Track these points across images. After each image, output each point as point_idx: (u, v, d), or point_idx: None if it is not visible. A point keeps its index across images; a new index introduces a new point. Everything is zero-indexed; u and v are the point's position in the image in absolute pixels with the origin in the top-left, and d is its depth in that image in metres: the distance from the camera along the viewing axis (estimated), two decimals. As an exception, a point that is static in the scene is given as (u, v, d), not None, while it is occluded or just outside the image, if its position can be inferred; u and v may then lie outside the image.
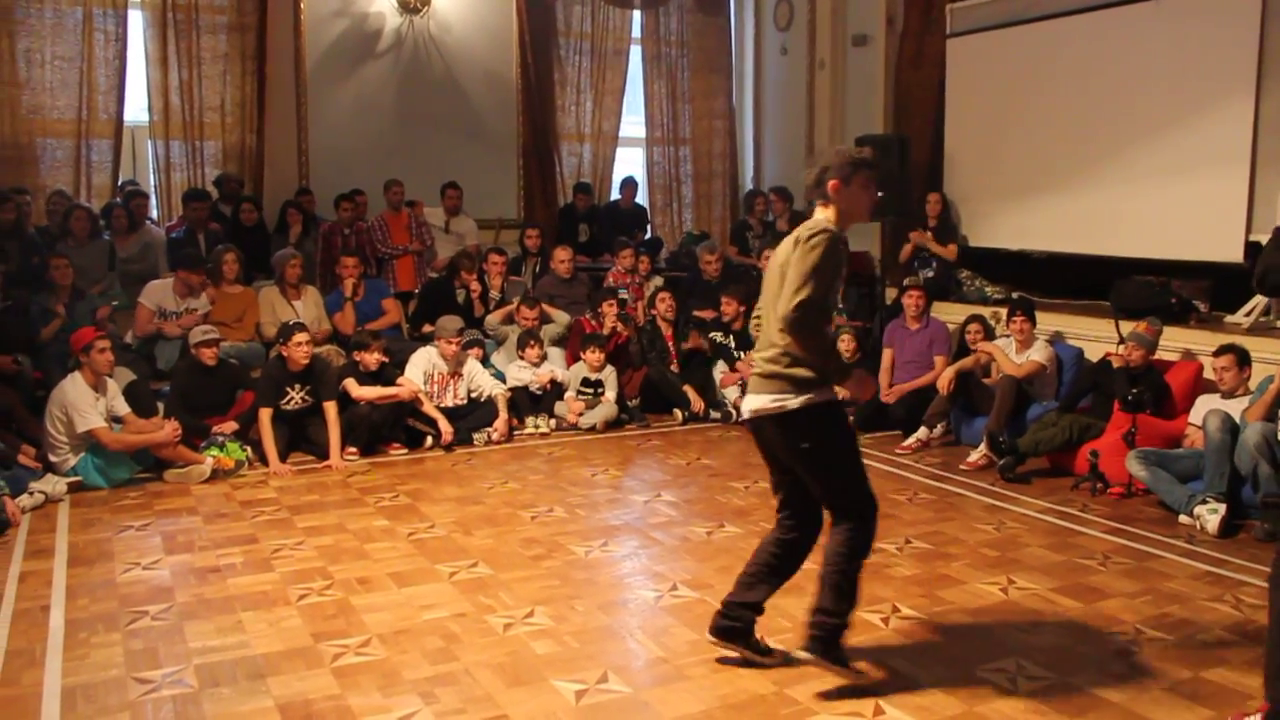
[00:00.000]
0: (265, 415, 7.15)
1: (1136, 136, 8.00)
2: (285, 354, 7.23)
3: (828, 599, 3.81)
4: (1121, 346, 6.93)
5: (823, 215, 3.85)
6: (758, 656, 3.98)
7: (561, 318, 8.87)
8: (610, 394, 8.28)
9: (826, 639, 3.81)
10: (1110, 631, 4.33)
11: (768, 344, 3.83)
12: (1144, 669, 3.98)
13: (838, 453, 3.82)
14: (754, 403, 3.84)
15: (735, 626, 3.98)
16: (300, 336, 7.21)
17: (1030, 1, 8.86)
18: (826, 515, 3.94)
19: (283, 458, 7.13)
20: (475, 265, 9.02)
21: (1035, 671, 3.95)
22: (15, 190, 8.50)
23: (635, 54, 11.68)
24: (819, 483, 3.84)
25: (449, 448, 7.58)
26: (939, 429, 7.71)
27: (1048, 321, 7.89)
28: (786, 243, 3.79)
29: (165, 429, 6.77)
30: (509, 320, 8.77)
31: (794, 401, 3.71)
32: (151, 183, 9.73)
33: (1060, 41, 8.56)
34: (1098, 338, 7.77)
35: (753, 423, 3.90)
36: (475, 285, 8.93)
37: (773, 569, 3.99)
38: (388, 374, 7.64)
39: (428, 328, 8.50)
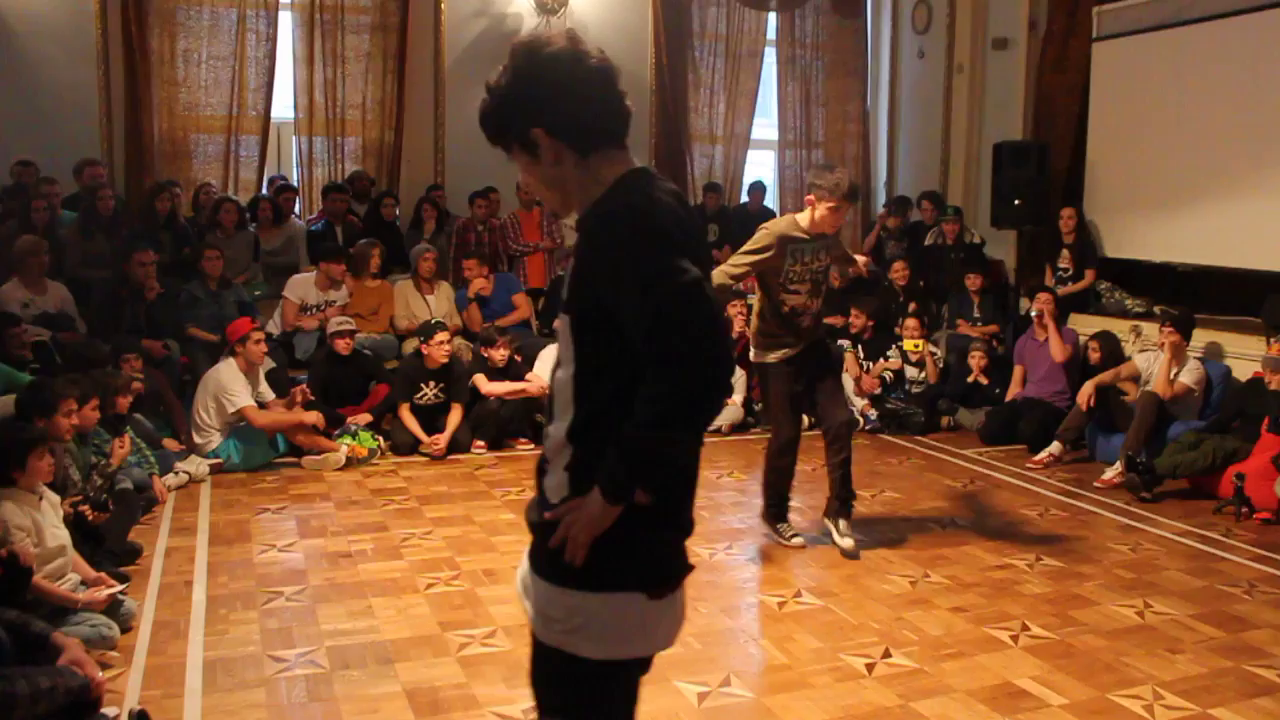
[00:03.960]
0: (404, 408, 7.39)
1: (1294, 145, 7.64)
2: (425, 351, 7.40)
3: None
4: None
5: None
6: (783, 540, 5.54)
7: None
8: (737, 397, 8.24)
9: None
10: (1256, 664, 4.14)
11: None
12: (1293, 705, 3.80)
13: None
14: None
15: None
16: (441, 335, 7.38)
17: (1183, 4, 8.52)
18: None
19: (413, 450, 7.32)
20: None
21: (1173, 701, 3.80)
22: (169, 183, 8.91)
23: (769, 56, 11.58)
24: None
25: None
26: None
27: (1194, 337, 7.56)
28: None
29: (311, 414, 7.01)
30: None
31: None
32: (295, 177, 10.05)
33: (1213, 46, 8.20)
34: (1247, 355, 7.43)
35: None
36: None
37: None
38: (516, 370, 7.75)
39: (557, 324, 8.58)
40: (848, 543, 5.42)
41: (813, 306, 5.40)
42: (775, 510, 5.63)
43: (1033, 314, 8.26)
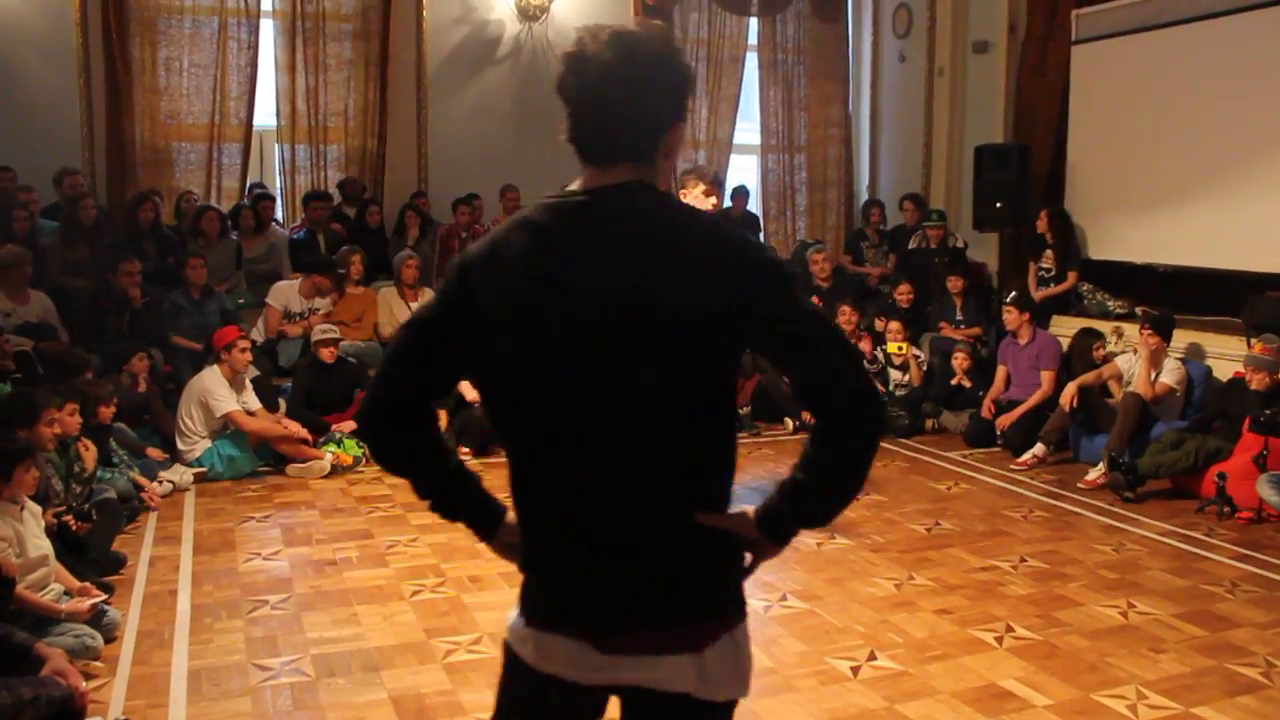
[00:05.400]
0: (387, 415, 7.37)
1: (1272, 146, 7.68)
2: None
3: None
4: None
5: None
6: None
7: None
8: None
9: None
10: (1239, 663, 4.17)
11: None
12: (1277, 704, 3.82)
13: None
14: None
15: None
16: None
17: (1161, 7, 8.58)
18: None
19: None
20: None
21: (1157, 700, 3.82)
22: (151, 192, 8.88)
23: (751, 61, 11.61)
24: None
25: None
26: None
27: (1175, 338, 7.61)
28: None
29: (292, 427, 7.03)
30: None
31: None
32: (277, 185, 10.03)
33: (1191, 48, 8.26)
34: (1227, 355, 7.47)
35: None
36: None
37: None
38: (501, 376, 7.74)
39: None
40: None
41: None
42: None
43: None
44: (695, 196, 5.63)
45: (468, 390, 7.55)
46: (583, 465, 1.80)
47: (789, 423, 8.51)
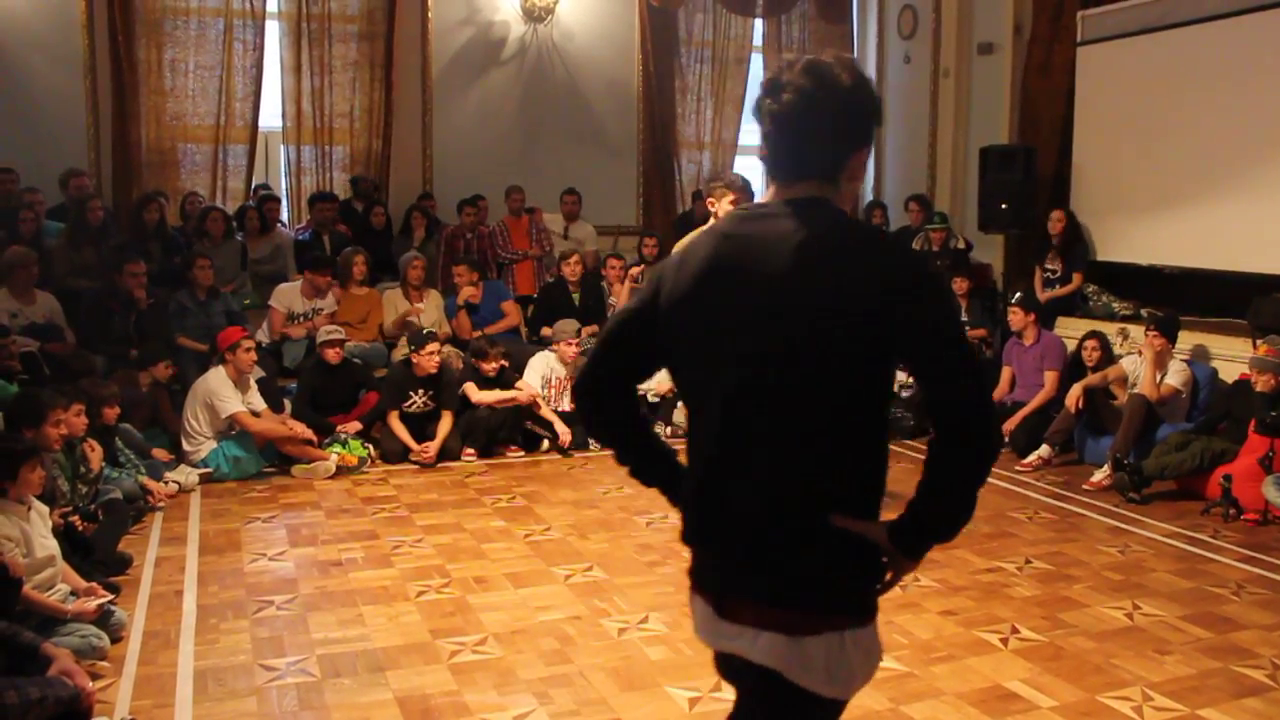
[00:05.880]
0: (393, 416, 7.38)
1: (1278, 147, 7.68)
2: (415, 361, 7.40)
3: None
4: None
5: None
6: None
7: None
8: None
9: None
10: (1244, 665, 4.16)
11: None
12: (1280, 704, 3.83)
13: None
14: None
15: None
16: (432, 346, 7.39)
17: (1166, 8, 8.57)
18: None
19: (403, 458, 7.31)
20: (571, 256, 9.07)
21: (1162, 702, 3.82)
22: (156, 194, 8.90)
23: (756, 62, 11.62)
24: None
25: (566, 451, 7.66)
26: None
27: (1181, 340, 7.60)
28: None
29: (297, 428, 7.04)
30: None
31: None
32: (283, 186, 10.05)
33: (1197, 49, 8.26)
34: (1233, 357, 7.46)
35: None
36: (573, 270, 8.92)
37: None
38: (506, 377, 7.76)
39: (546, 331, 8.61)
40: None
41: None
42: None
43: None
44: (725, 206, 5.47)
45: (472, 392, 7.57)
46: (732, 453, 1.96)
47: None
